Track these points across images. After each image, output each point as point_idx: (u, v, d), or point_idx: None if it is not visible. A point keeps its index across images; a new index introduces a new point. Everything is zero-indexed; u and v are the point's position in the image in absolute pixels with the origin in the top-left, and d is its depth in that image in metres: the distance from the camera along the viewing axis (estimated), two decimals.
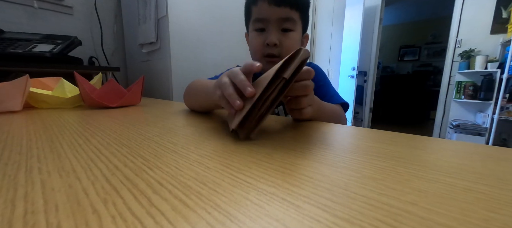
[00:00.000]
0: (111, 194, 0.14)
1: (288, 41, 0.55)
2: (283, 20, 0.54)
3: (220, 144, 0.25)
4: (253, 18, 0.57)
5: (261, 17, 0.55)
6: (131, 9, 1.27)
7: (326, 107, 0.48)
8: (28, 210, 0.12)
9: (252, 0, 0.57)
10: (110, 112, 0.49)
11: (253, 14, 0.57)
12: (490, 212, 0.12)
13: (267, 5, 0.53)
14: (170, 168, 0.18)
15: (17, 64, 0.83)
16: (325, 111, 0.47)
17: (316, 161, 0.20)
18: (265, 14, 0.54)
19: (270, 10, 0.53)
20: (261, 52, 0.57)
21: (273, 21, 0.54)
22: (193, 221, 0.11)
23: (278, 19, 0.54)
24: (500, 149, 0.24)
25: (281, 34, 0.55)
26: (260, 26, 0.56)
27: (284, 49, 0.56)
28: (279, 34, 0.55)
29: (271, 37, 0.54)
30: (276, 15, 0.53)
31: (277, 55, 0.56)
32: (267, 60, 0.57)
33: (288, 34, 0.55)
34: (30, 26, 1.11)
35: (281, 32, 0.55)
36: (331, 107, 0.51)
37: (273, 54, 0.56)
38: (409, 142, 0.26)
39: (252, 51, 0.61)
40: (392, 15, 4.40)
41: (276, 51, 0.56)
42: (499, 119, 2.09)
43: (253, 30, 0.58)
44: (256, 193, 0.14)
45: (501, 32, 2.28)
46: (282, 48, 0.56)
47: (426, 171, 0.18)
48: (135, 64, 1.37)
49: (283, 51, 0.56)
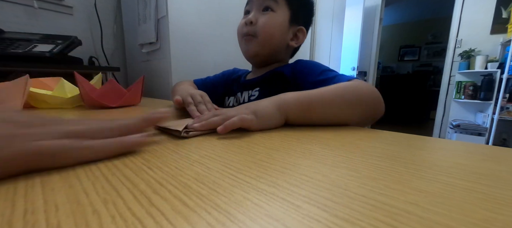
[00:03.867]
0: (111, 194, 0.14)
1: (264, 18, 0.54)
2: (264, 0, 0.54)
3: (220, 144, 0.25)
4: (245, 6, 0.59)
5: (248, 0, 0.57)
6: (131, 9, 1.27)
7: (317, 96, 0.35)
8: (28, 210, 0.12)
9: None
10: (110, 112, 0.49)
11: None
12: (490, 212, 0.12)
13: None
14: (170, 168, 0.18)
15: (17, 64, 0.83)
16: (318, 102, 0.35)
17: (316, 161, 0.20)
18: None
19: None
20: (241, 33, 0.58)
21: (255, 2, 0.55)
22: (193, 221, 0.11)
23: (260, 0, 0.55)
24: (500, 149, 0.24)
25: (260, 13, 0.55)
26: (247, 9, 0.58)
27: (259, 26, 0.54)
28: (258, 13, 0.55)
29: (249, 16, 0.54)
30: None
31: (252, 34, 0.55)
32: (246, 39, 0.57)
33: (265, 13, 0.54)
34: (30, 26, 1.11)
35: (261, 11, 0.55)
36: (333, 90, 0.36)
37: (248, 33, 0.55)
38: (409, 142, 0.26)
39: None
40: (392, 15, 4.40)
41: (251, 30, 0.55)
42: (499, 119, 2.09)
43: (243, 15, 0.60)
44: (256, 193, 0.14)
45: (501, 32, 2.28)
46: (257, 26, 0.54)
47: (426, 171, 0.18)
48: (135, 64, 1.37)
49: (258, 29, 0.54)
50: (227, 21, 1.23)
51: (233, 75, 0.71)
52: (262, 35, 0.55)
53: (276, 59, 0.60)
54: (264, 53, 0.57)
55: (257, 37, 0.55)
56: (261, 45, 0.56)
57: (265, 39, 0.55)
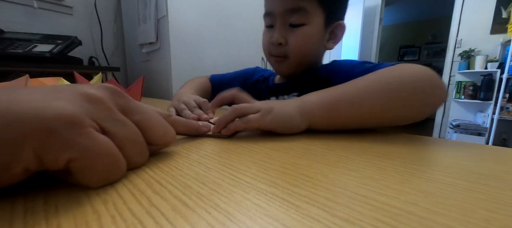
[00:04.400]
0: (111, 194, 0.14)
1: (295, 38, 0.46)
2: (291, 12, 0.45)
3: (220, 144, 0.25)
4: (264, 13, 0.50)
5: (268, 11, 0.48)
6: (131, 9, 1.27)
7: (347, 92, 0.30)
8: (28, 210, 0.12)
9: None
10: None
11: (264, 8, 0.50)
12: (490, 212, 0.12)
13: None
14: (170, 168, 0.18)
15: (17, 64, 0.83)
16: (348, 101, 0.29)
17: (316, 161, 0.20)
18: (270, 7, 0.47)
19: (274, 2, 0.46)
20: (268, 52, 0.51)
21: (279, 15, 0.46)
22: (193, 221, 0.11)
23: (284, 11, 0.45)
24: (500, 149, 0.24)
25: (288, 30, 0.46)
26: (269, 22, 0.49)
27: (291, 48, 0.46)
28: (285, 30, 0.46)
29: (275, 35, 0.47)
30: (281, 7, 0.45)
31: (283, 56, 0.48)
32: (275, 60, 0.50)
33: (296, 30, 0.46)
34: (30, 26, 1.11)
35: (289, 27, 0.46)
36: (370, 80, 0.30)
37: (278, 55, 0.48)
38: (409, 142, 0.26)
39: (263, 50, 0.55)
40: (392, 15, 4.40)
41: (281, 52, 0.48)
42: (499, 119, 2.10)
43: (264, 26, 0.51)
44: (256, 193, 0.14)
45: (501, 32, 2.28)
46: (289, 48, 0.47)
47: (426, 171, 0.18)
48: (135, 64, 1.37)
49: (290, 51, 0.47)
50: (228, 21, 1.23)
51: (255, 75, 0.64)
52: (296, 57, 0.48)
53: (312, 66, 0.52)
54: (299, 71, 0.51)
55: (289, 58, 0.48)
56: (296, 66, 0.49)
57: (300, 59, 0.48)
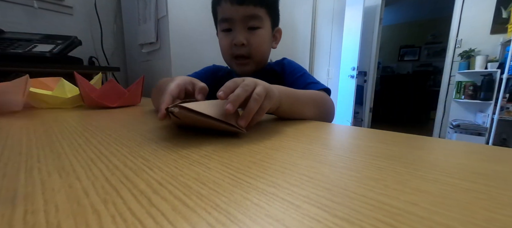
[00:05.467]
0: (111, 194, 0.14)
1: (255, 39, 0.54)
2: (249, 18, 0.52)
3: (220, 144, 0.25)
4: (219, 19, 0.56)
5: (226, 17, 0.54)
6: (131, 9, 1.27)
7: (302, 96, 0.42)
8: (28, 210, 0.12)
9: (216, 0, 0.56)
10: (110, 112, 0.49)
11: (218, 15, 0.56)
12: (490, 212, 0.12)
13: (229, 4, 0.52)
14: (170, 168, 0.18)
15: (17, 64, 0.83)
16: (301, 100, 0.41)
17: (316, 161, 0.20)
18: (229, 13, 0.53)
19: (233, 9, 0.52)
20: (229, 54, 0.57)
21: (239, 20, 0.52)
22: (193, 221, 0.11)
23: (243, 17, 0.52)
24: (500, 149, 0.24)
25: (248, 33, 0.54)
26: (227, 27, 0.55)
27: (252, 48, 0.54)
28: (245, 33, 0.53)
29: (238, 37, 0.53)
30: (240, 14, 0.52)
31: (246, 56, 0.55)
32: (237, 63, 0.56)
33: (255, 32, 0.53)
34: (30, 26, 1.12)
35: (247, 30, 0.53)
36: (309, 94, 0.45)
37: (243, 55, 0.55)
38: (409, 142, 0.26)
39: (221, 53, 0.60)
40: (392, 15, 4.40)
41: (244, 52, 0.54)
42: (499, 119, 2.09)
43: (221, 30, 0.57)
44: (256, 193, 0.14)
45: (501, 32, 2.28)
46: (251, 47, 0.54)
47: (426, 171, 0.18)
48: (135, 64, 1.37)
49: (252, 50, 0.54)
50: None
51: (220, 72, 0.70)
52: (258, 56, 0.56)
53: (264, 64, 0.63)
54: (258, 69, 0.59)
55: (252, 58, 0.55)
56: (257, 64, 0.57)
57: (261, 58, 0.58)
